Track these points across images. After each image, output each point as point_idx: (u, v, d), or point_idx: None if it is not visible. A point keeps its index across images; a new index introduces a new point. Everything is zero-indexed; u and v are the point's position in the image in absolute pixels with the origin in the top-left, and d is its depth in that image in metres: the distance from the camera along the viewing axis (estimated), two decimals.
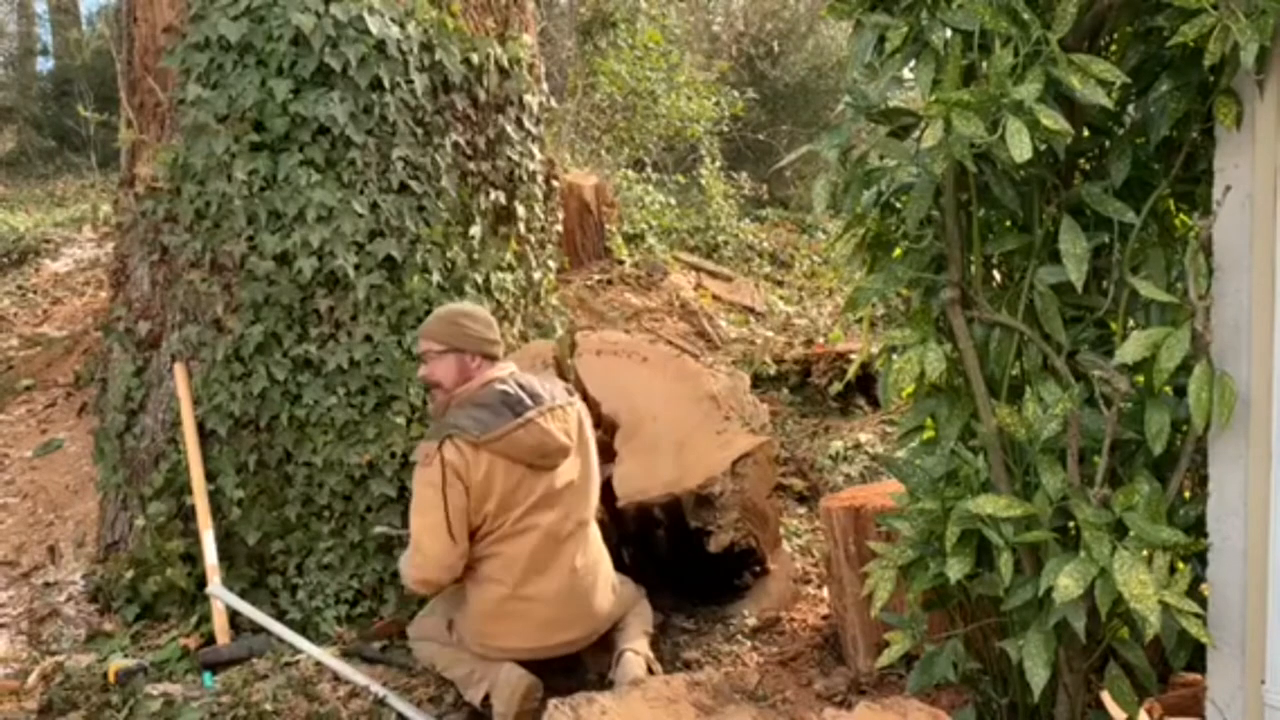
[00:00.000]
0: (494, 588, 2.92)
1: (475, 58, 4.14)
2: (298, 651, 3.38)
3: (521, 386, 2.95)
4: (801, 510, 4.59)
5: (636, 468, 3.46)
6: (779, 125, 10.79)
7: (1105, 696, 2.10)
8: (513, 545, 2.91)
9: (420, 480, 2.86)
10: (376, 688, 3.15)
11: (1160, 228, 2.24)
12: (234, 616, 3.56)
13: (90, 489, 4.45)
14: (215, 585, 3.57)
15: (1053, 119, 1.90)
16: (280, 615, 3.59)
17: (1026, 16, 1.96)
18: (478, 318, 3.04)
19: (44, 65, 14.59)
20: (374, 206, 3.80)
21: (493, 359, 3.02)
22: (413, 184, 3.91)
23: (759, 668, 3.31)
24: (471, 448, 2.82)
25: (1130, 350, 2.00)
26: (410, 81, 3.90)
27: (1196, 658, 2.13)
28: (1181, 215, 2.32)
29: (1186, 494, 2.20)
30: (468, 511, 2.85)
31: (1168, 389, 2.06)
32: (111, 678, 3.20)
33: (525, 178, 4.47)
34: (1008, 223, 2.36)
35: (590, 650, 3.37)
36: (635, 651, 3.02)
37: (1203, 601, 2.01)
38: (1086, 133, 2.27)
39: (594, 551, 3.10)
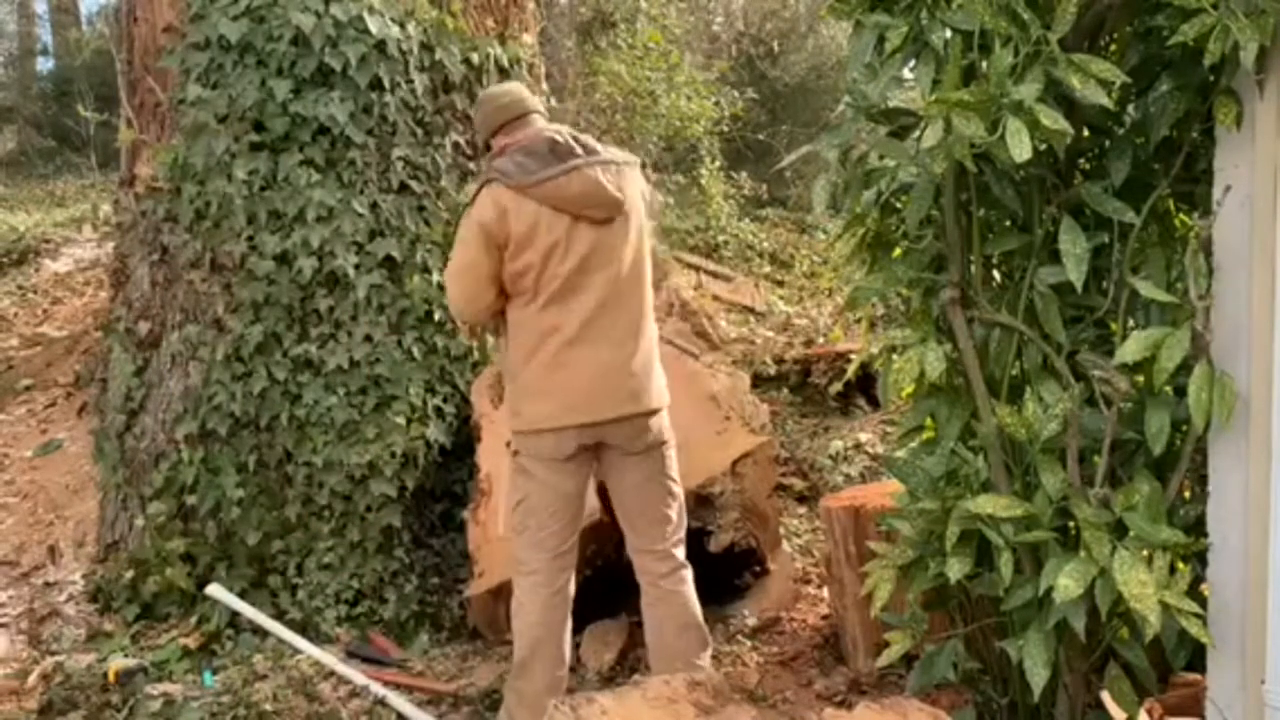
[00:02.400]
0: (537, 344, 2.72)
1: (475, 58, 4.14)
2: (298, 651, 3.38)
3: (576, 139, 2.77)
4: (801, 510, 4.59)
5: None
6: (779, 125, 10.78)
7: (1105, 696, 2.10)
8: (568, 308, 2.70)
9: (462, 229, 2.76)
10: (376, 688, 3.16)
11: (1160, 228, 2.24)
12: (234, 616, 3.56)
13: (90, 489, 4.45)
14: (215, 586, 3.57)
15: (1053, 119, 1.90)
16: (280, 615, 3.59)
17: (1026, 16, 1.96)
18: (490, 95, 2.93)
19: (44, 65, 14.61)
20: (374, 206, 3.80)
21: (523, 116, 2.82)
22: (413, 184, 3.91)
23: (759, 668, 3.31)
24: (511, 193, 2.66)
25: (1130, 350, 2.00)
26: (410, 81, 3.90)
27: (1196, 658, 2.13)
28: (1181, 215, 2.32)
29: (1186, 494, 2.20)
30: (500, 261, 2.69)
31: (1168, 389, 2.06)
32: (111, 678, 3.20)
33: None
34: (1008, 222, 2.36)
35: (590, 650, 3.37)
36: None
37: (1203, 601, 2.01)
38: (1086, 133, 2.27)
39: (647, 336, 2.84)
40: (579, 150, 2.72)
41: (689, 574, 2.92)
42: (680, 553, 2.91)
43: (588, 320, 2.71)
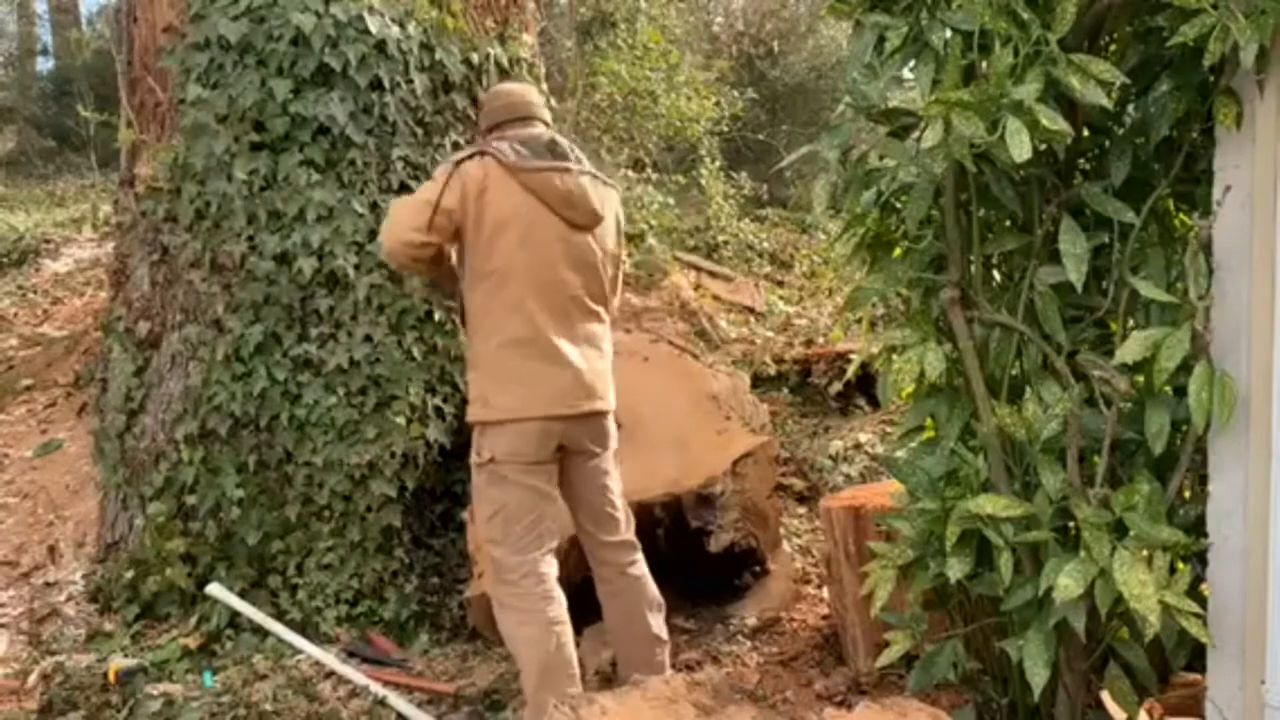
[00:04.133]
0: (513, 335, 2.74)
1: (475, 58, 4.14)
2: (298, 651, 3.38)
3: (574, 149, 2.85)
4: (801, 510, 4.59)
5: (637, 467, 3.45)
6: (779, 125, 10.78)
7: (1105, 696, 2.10)
8: (547, 301, 2.74)
9: (440, 168, 2.78)
10: (376, 688, 3.16)
11: (1160, 228, 2.24)
12: (234, 616, 3.56)
13: (90, 489, 4.45)
14: (216, 585, 3.57)
15: (1052, 119, 1.90)
16: (280, 615, 3.59)
17: (1026, 16, 1.96)
18: (502, 90, 3.01)
19: (44, 65, 14.60)
20: (374, 206, 3.80)
21: (527, 119, 2.88)
22: (413, 184, 3.90)
23: (759, 668, 3.32)
24: (502, 172, 2.70)
25: (1130, 350, 2.00)
26: (410, 81, 3.90)
27: (1196, 658, 2.13)
28: (1181, 215, 2.32)
29: (1186, 494, 2.20)
30: (462, 223, 2.71)
31: (1168, 389, 2.06)
32: (111, 678, 3.20)
33: None
34: (1008, 223, 2.36)
35: (589, 650, 3.37)
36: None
37: (1203, 601, 2.01)
38: (1086, 133, 2.27)
39: (609, 346, 2.93)
40: (573, 158, 2.82)
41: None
42: (633, 539, 3.01)
43: (562, 315, 2.77)
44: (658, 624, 2.97)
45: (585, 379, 2.80)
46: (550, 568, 2.80)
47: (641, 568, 2.99)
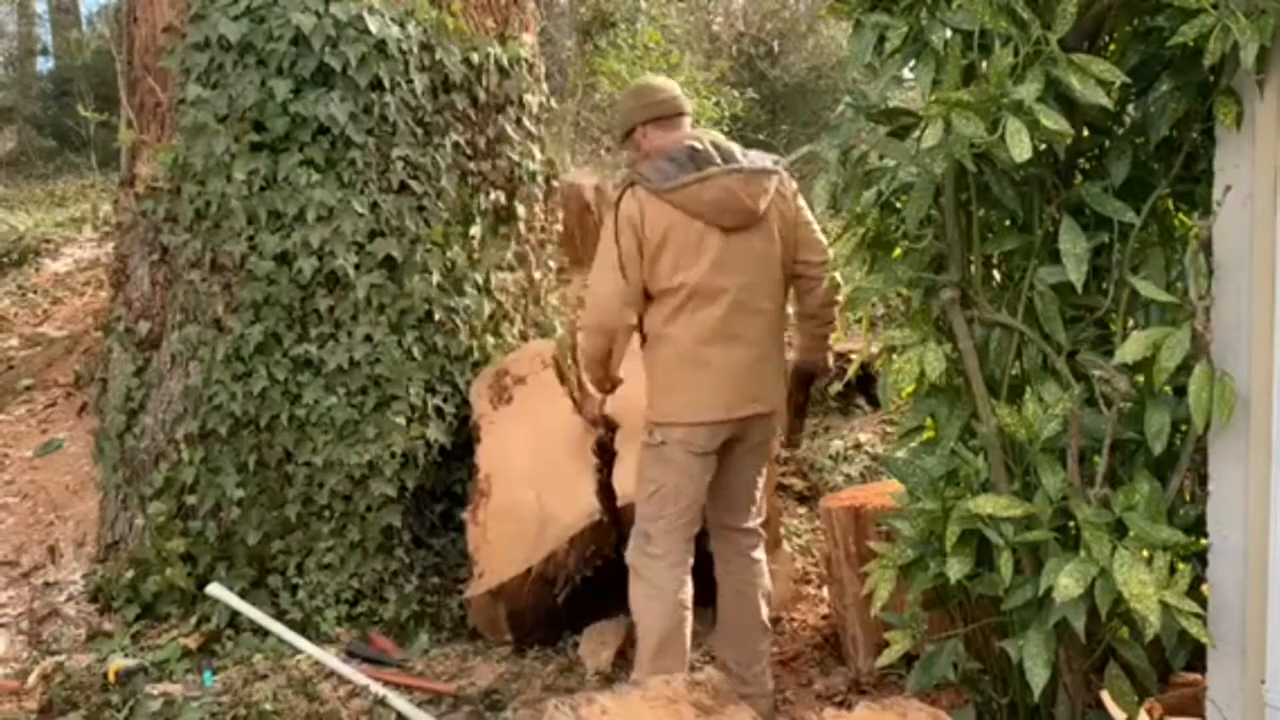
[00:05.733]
0: (674, 344, 2.83)
1: (475, 57, 4.14)
2: (298, 651, 3.38)
3: (716, 147, 2.86)
4: (801, 510, 4.59)
5: (635, 467, 3.45)
6: (779, 125, 10.78)
7: (1105, 696, 2.10)
8: (702, 310, 2.80)
9: (604, 231, 2.87)
10: (376, 688, 3.16)
11: (1160, 228, 2.24)
12: (234, 616, 3.56)
13: (90, 489, 4.45)
14: (216, 585, 3.57)
15: (1053, 119, 1.90)
16: (280, 615, 3.59)
17: (1026, 16, 1.96)
18: (635, 91, 3.05)
19: (44, 65, 14.61)
20: (374, 206, 3.80)
21: (667, 118, 2.91)
22: (413, 184, 3.91)
23: None
24: (651, 196, 2.78)
25: (1130, 350, 1.99)
26: (410, 81, 3.90)
27: (1196, 658, 2.13)
28: (1181, 215, 2.32)
29: (1186, 494, 2.20)
30: (640, 257, 2.79)
31: (1168, 389, 2.06)
32: (111, 678, 3.20)
33: (525, 178, 4.47)
34: (1008, 223, 2.35)
35: (589, 650, 3.38)
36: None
37: (1203, 601, 2.01)
38: (1086, 133, 2.27)
39: (776, 343, 2.97)
40: (717, 159, 2.81)
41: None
42: (760, 528, 3.07)
43: (721, 322, 2.81)
44: (766, 612, 3.03)
45: (751, 383, 2.85)
46: (688, 558, 2.91)
47: (763, 553, 3.05)
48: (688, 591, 2.88)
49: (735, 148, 2.87)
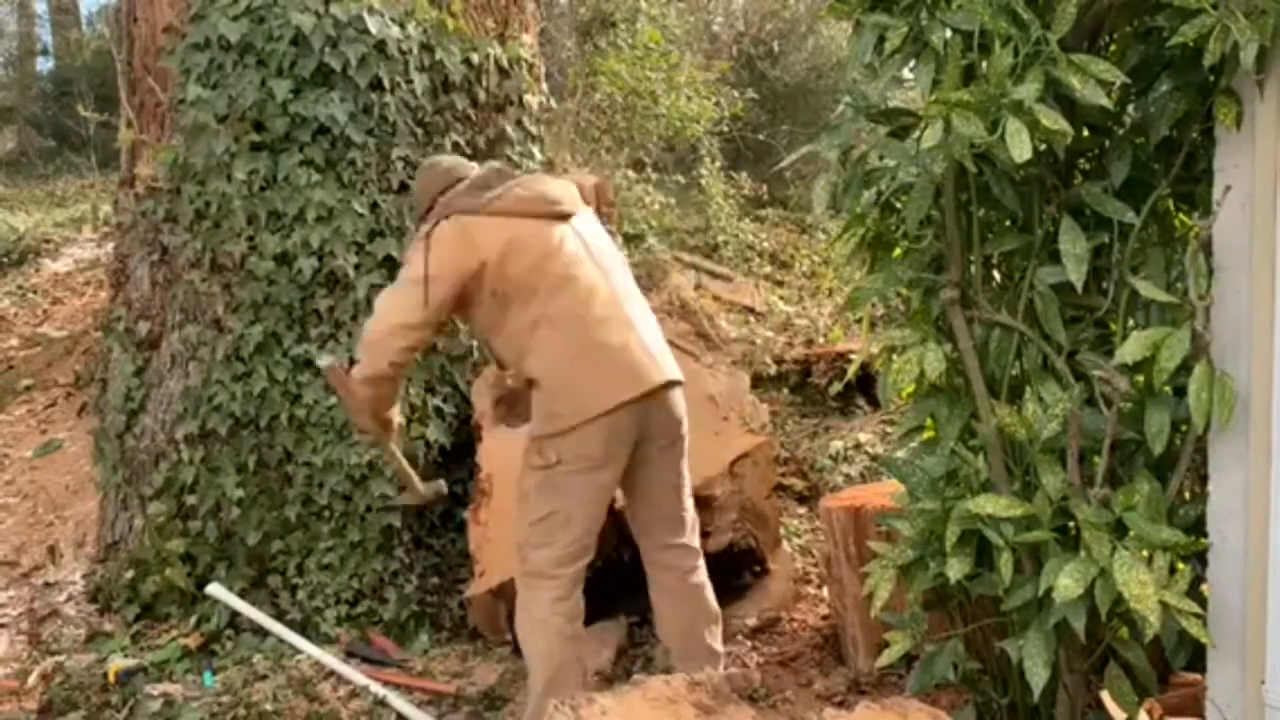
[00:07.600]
0: (563, 341, 2.69)
1: (475, 58, 4.14)
2: (298, 651, 3.38)
3: (512, 172, 2.93)
4: (801, 510, 4.59)
5: None
6: (779, 125, 10.77)
7: (1105, 696, 2.10)
8: (569, 294, 2.70)
9: (414, 254, 2.74)
10: (376, 688, 3.16)
11: (1160, 228, 2.25)
12: (234, 616, 3.56)
13: (90, 489, 4.45)
14: (216, 585, 3.57)
15: (1053, 119, 1.90)
16: (280, 615, 3.59)
17: (1026, 16, 1.96)
18: (430, 163, 3.03)
19: (44, 65, 14.61)
20: (374, 206, 3.80)
21: (458, 180, 2.87)
22: (413, 184, 3.90)
23: (759, 668, 3.31)
24: (476, 217, 2.71)
25: (1130, 350, 1.99)
26: (410, 81, 3.89)
27: (1196, 658, 2.13)
28: (1181, 215, 2.32)
29: (1186, 494, 2.20)
30: (471, 275, 2.69)
31: (1168, 389, 2.06)
32: (111, 678, 3.20)
33: None
34: (1008, 223, 2.36)
35: (589, 650, 3.37)
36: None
37: (1203, 601, 2.01)
38: (1086, 133, 2.27)
39: (653, 317, 2.89)
40: (517, 173, 2.94)
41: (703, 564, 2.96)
42: (698, 544, 2.95)
43: (597, 303, 2.74)
44: (714, 638, 2.92)
45: (651, 352, 2.75)
46: (579, 585, 2.78)
47: (703, 575, 2.92)
48: (578, 625, 2.76)
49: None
